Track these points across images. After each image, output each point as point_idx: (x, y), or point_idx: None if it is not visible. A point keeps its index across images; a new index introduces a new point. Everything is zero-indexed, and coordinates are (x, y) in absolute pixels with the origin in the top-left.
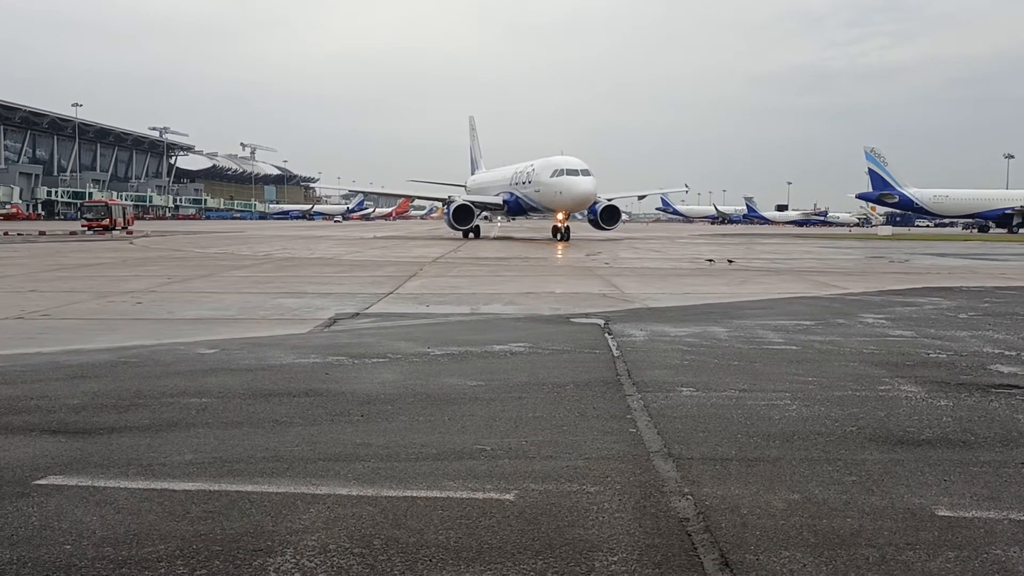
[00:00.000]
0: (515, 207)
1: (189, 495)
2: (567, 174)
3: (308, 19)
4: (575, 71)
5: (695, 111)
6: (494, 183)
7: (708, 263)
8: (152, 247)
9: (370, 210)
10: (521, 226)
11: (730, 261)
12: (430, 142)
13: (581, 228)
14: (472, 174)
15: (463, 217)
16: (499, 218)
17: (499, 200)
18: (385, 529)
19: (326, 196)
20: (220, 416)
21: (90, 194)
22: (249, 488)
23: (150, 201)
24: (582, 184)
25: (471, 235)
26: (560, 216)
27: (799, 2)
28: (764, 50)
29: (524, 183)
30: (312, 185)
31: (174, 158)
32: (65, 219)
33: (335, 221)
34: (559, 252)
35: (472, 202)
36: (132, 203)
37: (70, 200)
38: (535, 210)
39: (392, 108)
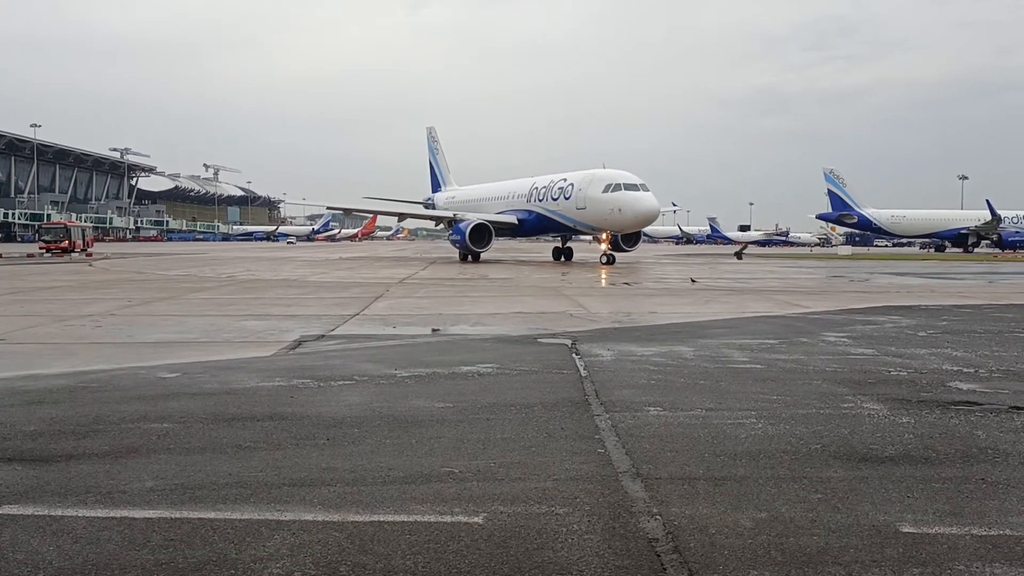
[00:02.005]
0: (534, 226)
1: (150, 523)
2: (625, 189)
3: (272, 40)
4: (542, 95)
5: (657, 133)
6: (491, 199)
7: (692, 282)
8: (112, 269)
9: (336, 231)
10: (505, 246)
11: (693, 280)
12: (396, 161)
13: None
14: (439, 190)
15: (480, 237)
16: None
17: (511, 219)
18: (352, 555)
19: (291, 217)
20: (182, 441)
21: (48, 216)
22: (212, 515)
23: (110, 223)
24: (645, 201)
25: (470, 258)
26: (605, 237)
27: (758, 25)
28: (724, 73)
29: (554, 199)
30: (280, 204)
31: (135, 179)
32: (23, 241)
33: (288, 243)
34: (603, 276)
35: (490, 221)
36: (92, 225)
37: (28, 222)
38: (569, 230)
39: (357, 129)
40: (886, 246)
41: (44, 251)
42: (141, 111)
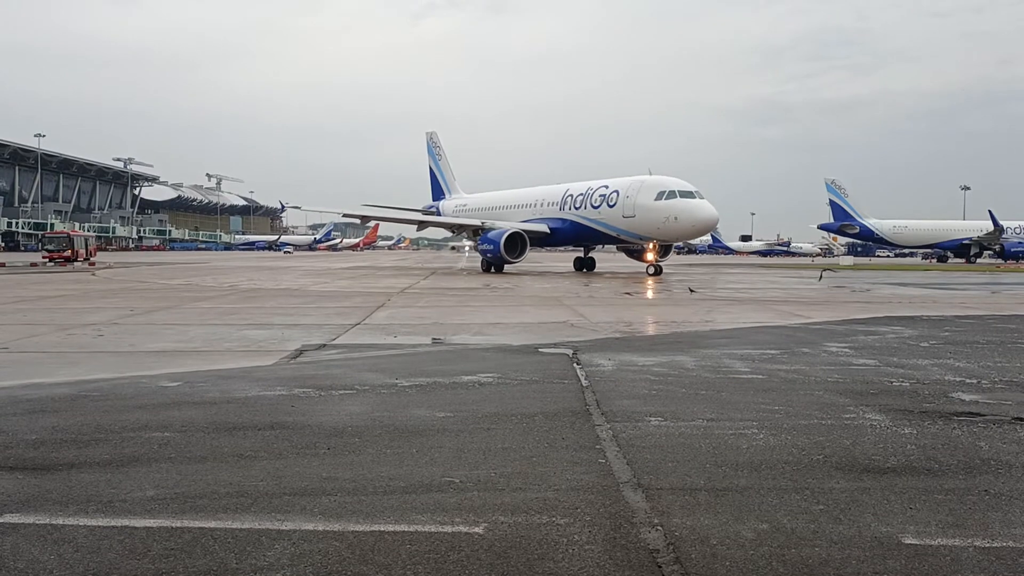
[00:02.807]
0: (568, 235)
1: (151, 532)
2: (680, 196)
3: (275, 51)
4: (546, 107)
5: (659, 144)
6: (513, 207)
7: (690, 292)
8: (115, 278)
9: (337, 240)
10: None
11: (692, 291)
12: (395, 172)
13: (543, 258)
14: (441, 198)
15: (514, 247)
16: (467, 248)
17: (542, 228)
18: (352, 565)
19: (293, 227)
20: (183, 450)
21: (52, 225)
22: (212, 524)
23: (113, 232)
24: (704, 209)
25: (493, 268)
26: (652, 247)
27: (759, 37)
28: (725, 84)
29: (594, 207)
30: (284, 212)
31: (138, 189)
32: (26, 251)
33: (285, 252)
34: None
35: (524, 231)
36: (95, 234)
37: (31, 231)
38: (610, 239)
39: (357, 140)
40: (888, 256)
41: (47, 260)
42: (145, 121)
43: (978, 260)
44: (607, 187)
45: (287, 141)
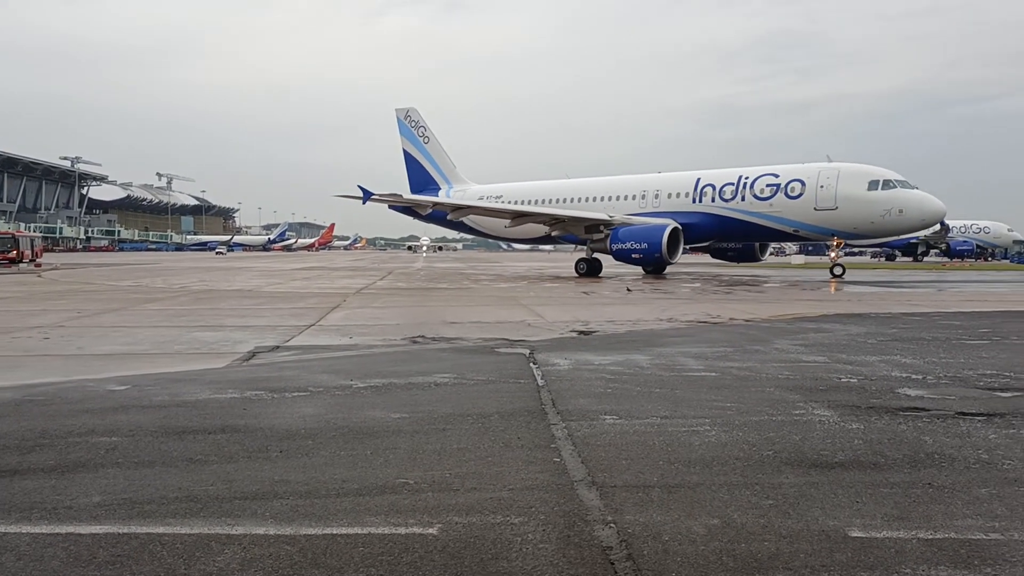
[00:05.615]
0: (709, 231)
1: (96, 539)
2: (899, 186)
3: (228, 49)
4: (507, 107)
5: (614, 144)
6: (595, 200)
7: (628, 291)
8: (61, 280)
9: (292, 240)
10: (464, 256)
11: (628, 290)
12: (354, 169)
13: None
14: (428, 188)
15: (676, 245)
16: (424, 249)
17: (663, 222)
18: (303, 569)
19: (246, 227)
20: (131, 455)
21: None
22: (160, 530)
23: (60, 233)
24: (934, 201)
25: (649, 270)
26: (836, 243)
27: (713, 40)
28: (683, 86)
29: (760, 198)
30: (381, 196)
31: (86, 188)
32: None
33: (217, 253)
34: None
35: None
36: (41, 235)
37: None
38: (779, 235)
39: (312, 138)
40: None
41: None
42: (93, 120)
43: (925, 259)
44: (776, 175)
45: (240, 140)
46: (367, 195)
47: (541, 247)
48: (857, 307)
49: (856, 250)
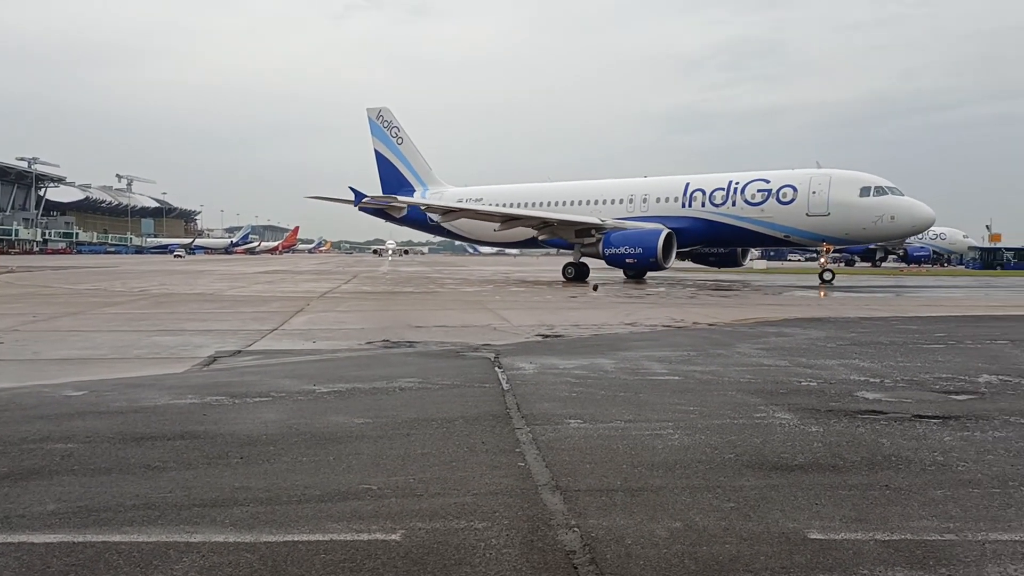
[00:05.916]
0: (697, 236)
1: (50, 548)
2: (890, 192)
3: (190, 51)
4: (473, 111)
5: (579, 151)
6: (580, 204)
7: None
8: (16, 283)
9: (255, 244)
10: (431, 260)
11: (595, 288)
12: (317, 173)
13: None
14: (403, 190)
15: (670, 250)
16: (390, 253)
17: (657, 227)
18: None
19: (208, 229)
20: (87, 462)
21: None
22: (117, 538)
23: (16, 235)
24: (924, 208)
25: (633, 276)
26: (826, 249)
27: (680, 46)
28: (651, 92)
29: (751, 203)
30: (381, 200)
31: (43, 190)
32: None
33: (175, 256)
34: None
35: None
36: None
37: None
38: (771, 241)
39: (275, 141)
40: (799, 260)
41: None
42: (50, 120)
43: (883, 264)
44: (767, 181)
45: (203, 142)
46: (359, 197)
47: (508, 251)
48: (817, 311)
49: (815, 254)
